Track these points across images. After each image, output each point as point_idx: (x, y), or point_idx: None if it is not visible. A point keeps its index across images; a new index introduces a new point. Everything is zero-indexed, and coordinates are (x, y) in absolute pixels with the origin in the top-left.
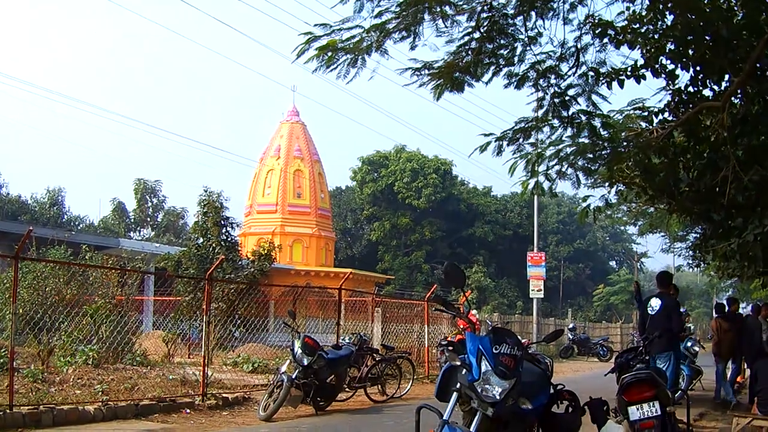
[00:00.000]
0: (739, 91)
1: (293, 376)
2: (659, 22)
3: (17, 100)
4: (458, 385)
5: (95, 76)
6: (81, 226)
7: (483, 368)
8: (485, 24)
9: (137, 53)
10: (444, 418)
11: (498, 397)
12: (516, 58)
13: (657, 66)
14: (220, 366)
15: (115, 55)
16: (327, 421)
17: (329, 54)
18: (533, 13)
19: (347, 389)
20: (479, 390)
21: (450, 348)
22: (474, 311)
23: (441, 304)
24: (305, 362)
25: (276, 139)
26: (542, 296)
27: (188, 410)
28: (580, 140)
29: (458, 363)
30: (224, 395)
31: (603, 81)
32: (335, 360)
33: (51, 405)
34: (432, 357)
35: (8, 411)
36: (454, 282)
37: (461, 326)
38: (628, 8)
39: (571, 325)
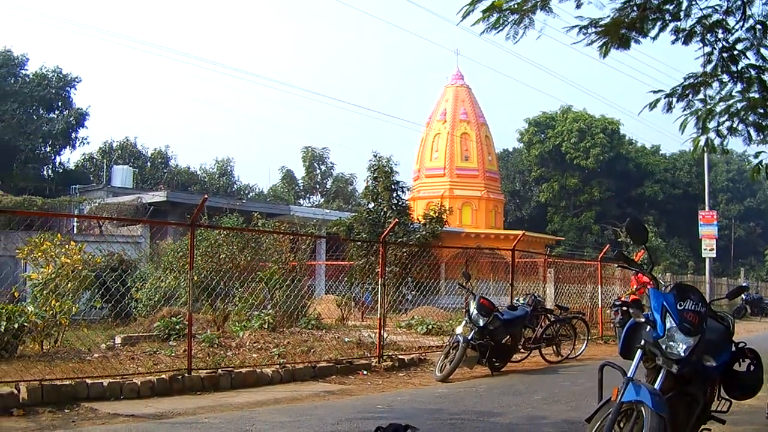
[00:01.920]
0: None
1: (469, 337)
2: None
3: (184, 74)
4: (642, 342)
5: (257, 46)
6: (251, 194)
7: (668, 325)
8: None
9: (297, 20)
10: (628, 375)
11: (683, 354)
12: (682, 13)
13: None
14: (393, 328)
15: (279, 27)
16: (503, 382)
17: (495, 16)
18: None
19: (522, 350)
20: (664, 347)
21: (624, 308)
22: None
23: (624, 261)
24: (481, 323)
25: (441, 103)
26: (714, 256)
27: (365, 372)
28: (751, 95)
29: (642, 320)
30: (400, 357)
31: None
32: (510, 321)
33: (228, 368)
34: (605, 317)
35: (187, 375)
36: (636, 237)
37: (635, 286)
38: None
39: (744, 285)
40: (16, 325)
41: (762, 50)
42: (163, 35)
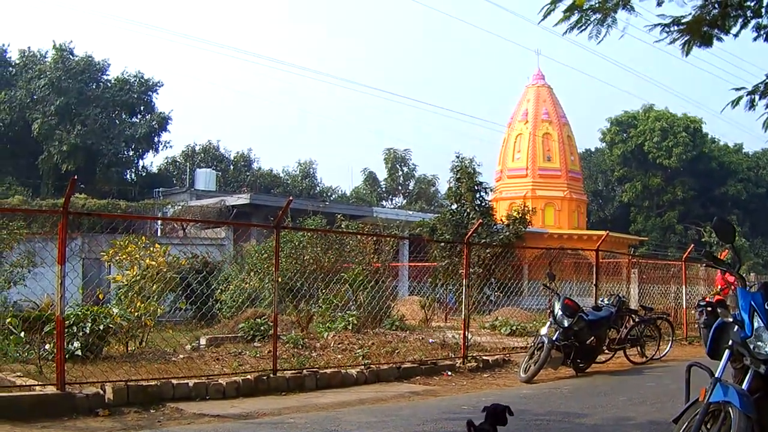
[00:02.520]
0: None
1: (554, 338)
2: None
3: (266, 77)
4: (730, 343)
5: (338, 49)
6: (333, 196)
7: (755, 324)
8: None
9: (377, 23)
10: (716, 376)
11: None
12: (763, 9)
13: None
14: (477, 329)
15: (355, 27)
16: (588, 383)
17: (577, 15)
18: None
19: (606, 351)
20: (752, 347)
21: (709, 309)
22: None
23: (712, 260)
24: (566, 324)
25: (523, 103)
26: None
27: (449, 372)
28: None
29: (730, 320)
30: (484, 357)
31: None
32: (595, 321)
33: (313, 369)
34: (690, 318)
35: (272, 375)
36: (724, 236)
37: (719, 286)
38: None
39: None
40: (101, 327)
41: None
42: (244, 39)
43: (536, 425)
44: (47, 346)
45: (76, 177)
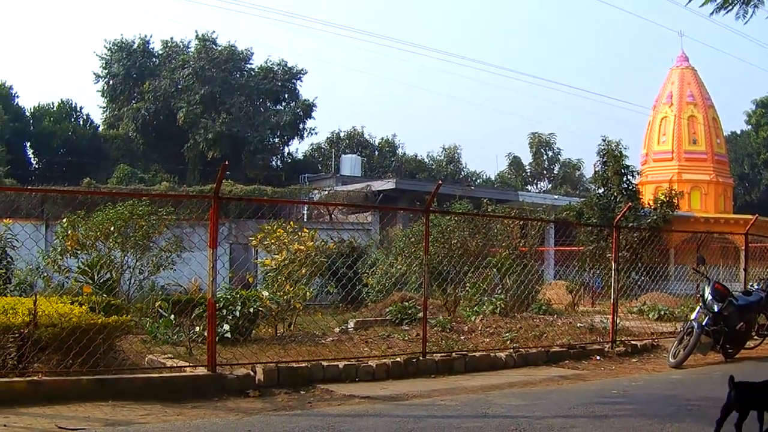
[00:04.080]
0: None
1: (704, 323)
2: None
3: (410, 63)
4: None
5: (483, 34)
6: (478, 181)
7: None
8: None
9: (518, 8)
10: None
11: None
12: None
13: None
14: (624, 314)
15: (496, 13)
16: (737, 369)
17: None
18: None
19: (755, 336)
20: None
21: None
22: None
23: None
24: (716, 309)
25: (667, 85)
26: None
27: (598, 357)
28: None
29: None
30: (632, 342)
31: None
32: (745, 306)
33: (462, 352)
34: None
35: (421, 358)
36: None
37: None
38: None
39: None
40: (251, 310)
41: None
42: (387, 25)
43: (688, 410)
44: (196, 329)
45: (227, 162)
